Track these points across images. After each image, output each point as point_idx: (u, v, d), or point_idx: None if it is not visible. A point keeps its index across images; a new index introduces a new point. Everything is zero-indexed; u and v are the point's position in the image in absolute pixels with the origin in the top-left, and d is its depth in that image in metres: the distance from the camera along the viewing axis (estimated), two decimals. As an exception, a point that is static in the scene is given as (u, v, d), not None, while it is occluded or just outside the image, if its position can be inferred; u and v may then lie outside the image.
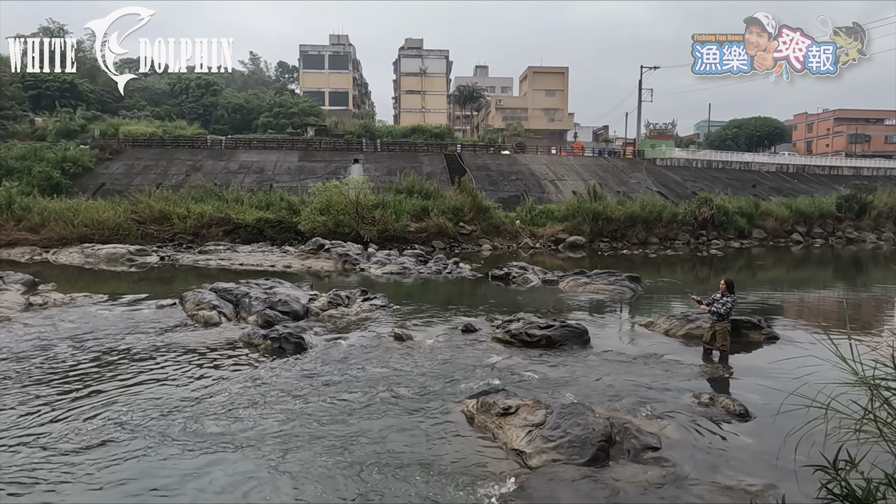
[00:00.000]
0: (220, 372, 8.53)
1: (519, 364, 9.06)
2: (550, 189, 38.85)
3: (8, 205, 26.47)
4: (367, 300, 13.74)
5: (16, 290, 14.24)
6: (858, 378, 3.23)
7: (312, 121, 51.18)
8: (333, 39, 68.83)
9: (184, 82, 53.39)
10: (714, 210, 33.15)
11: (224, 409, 6.99)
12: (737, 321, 10.44)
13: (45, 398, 7.36)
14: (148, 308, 13.18)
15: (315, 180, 34.47)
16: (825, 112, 72.31)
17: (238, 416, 6.78)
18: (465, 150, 45.24)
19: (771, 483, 5.26)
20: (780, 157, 56.97)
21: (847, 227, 37.00)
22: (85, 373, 8.46)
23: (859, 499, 3.01)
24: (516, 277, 18.09)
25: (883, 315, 15.08)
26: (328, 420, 6.70)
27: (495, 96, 69.89)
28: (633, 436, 5.97)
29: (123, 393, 7.58)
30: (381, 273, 20.22)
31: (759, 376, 8.46)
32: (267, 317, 11.58)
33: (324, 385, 7.93)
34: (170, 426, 6.49)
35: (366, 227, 27.10)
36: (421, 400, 7.42)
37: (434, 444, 6.14)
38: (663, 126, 67.75)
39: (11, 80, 45.73)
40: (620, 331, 12.79)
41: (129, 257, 23.02)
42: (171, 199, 29.28)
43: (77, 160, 34.58)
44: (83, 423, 6.54)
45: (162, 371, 8.55)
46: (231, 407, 7.08)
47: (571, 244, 29.80)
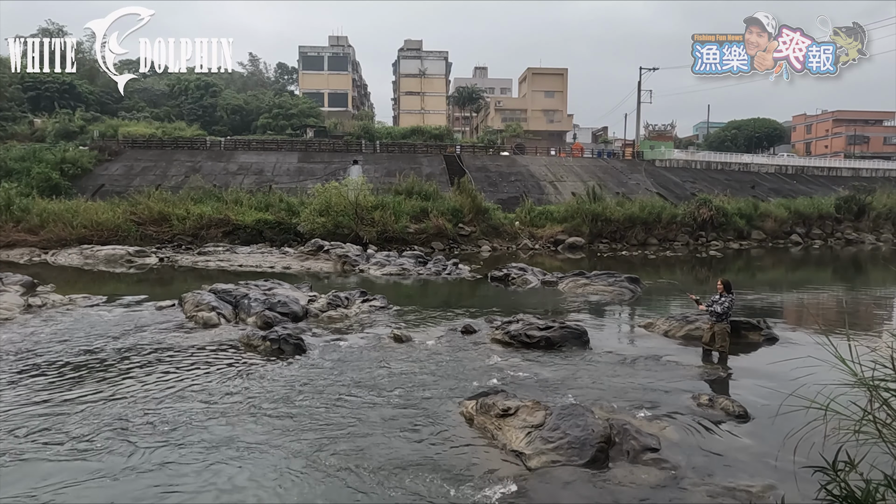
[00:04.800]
0: (219, 373, 8.52)
1: (518, 365, 9.05)
2: (550, 190, 38.86)
3: (7, 206, 26.51)
4: (366, 301, 13.74)
5: (15, 292, 14.22)
6: (857, 379, 3.22)
7: (312, 122, 51.16)
8: (333, 41, 68.81)
9: (183, 83, 53.35)
10: (713, 211, 33.17)
11: (223, 411, 6.99)
12: (736, 322, 10.44)
13: (44, 398, 7.34)
14: (147, 309, 13.18)
15: (314, 181, 34.45)
16: (824, 113, 72.38)
17: (237, 417, 6.77)
18: (464, 151, 45.24)
19: (770, 484, 5.26)
20: (779, 158, 56.97)
21: (846, 229, 37.00)
22: (84, 374, 8.45)
23: (859, 500, 3.01)
24: (515, 278, 18.09)
25: (882, 316, 15.07)
26: (327, 421, 6.69)
27: (495, 97, 69.87)
28: (633, 437, 5.97)
29: (122, 394, 7.56)
30: (381, 274, 20.21)
31: (758, 377, 8.47)
32: (266, 318, 11.58)
33: (323, 386, 7.93)
34: (169, 427, 6.48)
35: (365, 229, 27.10)
36: (420, 401, 7.41)
37: (433, 446, 6.13)
38: (662, 127, 67.80)
39: (11, 81, 45.75)
40: (620, 332, 12.80)
41: (128, 258, 23.02)
42: (170, 200, 29.28)
43: (76, 161, 34.55)
44: (82, 425, 6.53)
45: (161, 372, 8.54)
46: (230, 408, 7.07)
47: (571, 245, 29.78)
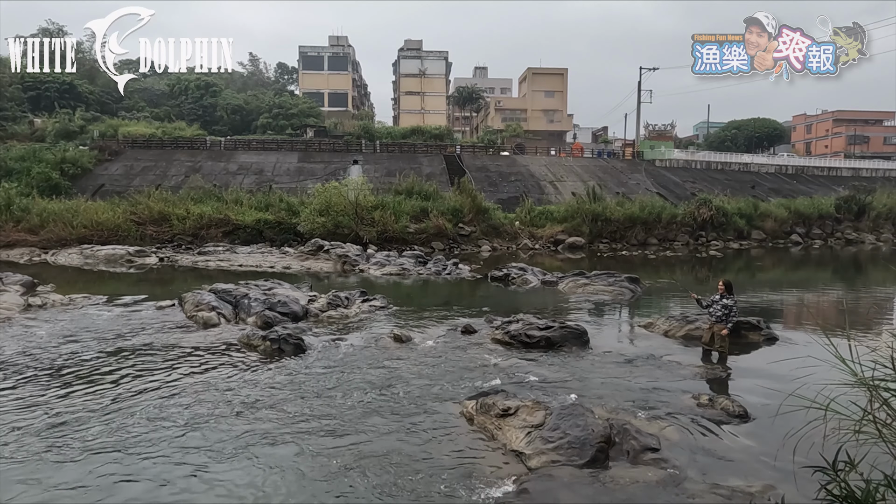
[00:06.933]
0: (219, 373, 8.52)
1: (518, 365, 9.05)
2: (550, 190, 38.85)
3: (7, 206, 26.48)
4: (366, 301, 13.74)
5: (15, 292, 14.22)
6: (858, 379, 3.22)
7: (312, 122, 51.14)
8: (333, 41, 68.82)
9: (183, 83, 53.34)
10: (713, 211, 33.16)
11: (222, 411, 6.99)
12: (736, 322, 10.42)
13: (44, 399, 7.34)
14: (147, 309, 13.17)
15: (314, 181, 34.44)
16: (824, 113, 72.35)
17: (236, 418, 6.77)
18: (464, 151, 45.22)
19: (770, 484, 5.26)
20: (779, 158, 56.94)
21: (846, 228, 37.00)
22: (83, 374, 8.45)
23: (859, 500, 3.01)
24: (515, 278, 18.09)
25: (882, 316, 15.07)
26: (327, 421, 6.69)
27: (495, 97, 69.86)
28: (633, 437, 5.97)
29: (120, 394, 7.56)
30: (381, 274, 20.21)
31: (758, 377, 8.45)
32: (266, 318, 11.58)
33: (323, 386, 7.92)
34: (169, 427, 6.48)
35: (365, 228, 27.08)
36: (420, 401, 7.41)
37: (433, 445, 6.13)
38: (662, 127, 67.87)
39: (11, 81, 45.72)
40: (620, 332, 12.81)
41: (128, 258, 23.00)
42: (170, 200, 29.24)
43: (76, 161, 34.52)
44: (80, 425, 6.53)
45: (161, 372, 8.53)
46: (229, 408, 7.07)
47: (571, 245, 29.78)
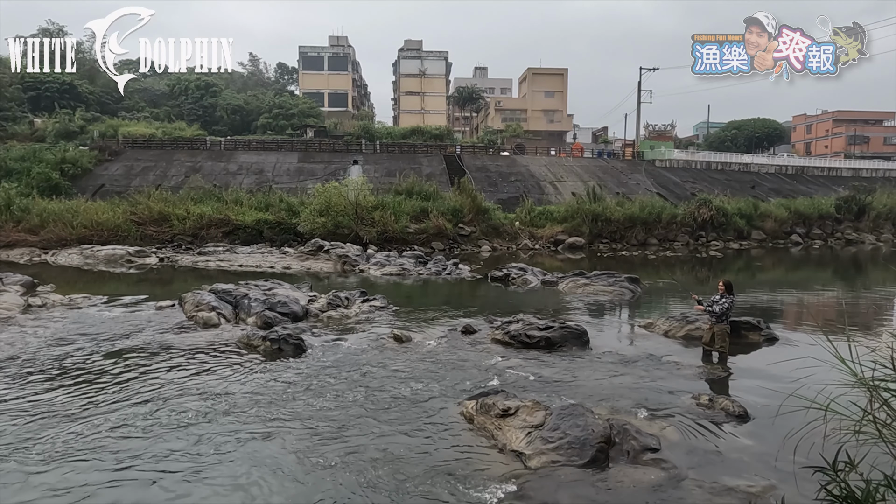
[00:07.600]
0: (219, 373, 8.52)
1: (518, 365, 9.05)
2: (550, 190, 38.85)
3: (7, 206, 26.48)
4: (366, 301, 13.73)
5: (15, 292, 14.22)
6: (857, 379, 3.22)
7: (312, 122, 51.13)
8: (333, 41, 68.82)
9: (183, 83, 53.33)
10: (713, 211, 33.15)
11: (222, 411, 6.99)
12: (736, 322, 10.44)
13: (44, 399, 7.34)
14: (147, 309, 13.17)
15: (314, 181, 34.44)
16: (824, 113, 72.35)
17: (236, 418, 6.77)
18: (464, 151, 45.22)
19: (770, 484, 5.26)
20: (779, 158, 56.93)
21: (846, 229, 37.00)
22: (83, 374, 8.45)
23: (858, 500, 3.01)
24: (515, 279, 18.09)
25: (882, 316, 15.07)
26: (327, 421, 6.69)
27: (495, 97, 69.85)
28: (633, 437, 5.97)
29: (120, 394, 7.56)
30: (381, 274, 20.21)
31: (758, 377, 8.47)
32: (266, 318, 11.58)
33: (322, 386, 7.92)
34: (169, 426, 6.48)
35: (365, 229, 27.08)
36: (420, 401, 7.41)
37: (433, 445, 6.13)
38: (662, 127, 67.88)
39: (11, 81, 45.71)
40: (620, 332, 12.80)
41: (128, 258, 23.01)
42: (170, 200, 29.24)
43: (76, 161, 34.51)
44: (80, 425, 6.53)
45: (161, 373, 8.53)
46: (229, 408, 7.07)
47: (571, 245, 29.78)
